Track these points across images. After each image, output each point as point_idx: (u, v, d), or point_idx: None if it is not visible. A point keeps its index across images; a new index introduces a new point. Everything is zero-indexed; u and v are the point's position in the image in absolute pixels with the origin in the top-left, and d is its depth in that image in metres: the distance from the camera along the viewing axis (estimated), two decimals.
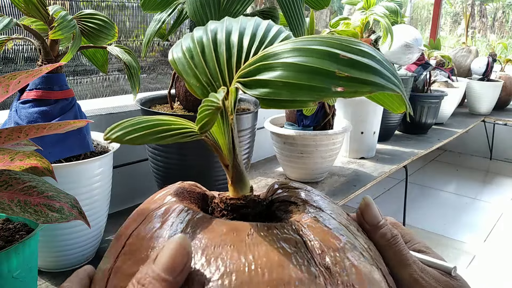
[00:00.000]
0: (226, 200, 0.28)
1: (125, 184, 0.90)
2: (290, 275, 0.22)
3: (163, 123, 0.26)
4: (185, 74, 0.28)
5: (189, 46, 0.29)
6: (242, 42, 0.29)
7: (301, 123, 1.03)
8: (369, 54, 0.23)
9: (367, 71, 0.22)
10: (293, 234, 0.24)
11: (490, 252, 1.70)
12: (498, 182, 2.50)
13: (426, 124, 1.69)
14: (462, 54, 2.36)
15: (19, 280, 0.44)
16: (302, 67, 0.23)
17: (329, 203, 0.29)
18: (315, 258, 0.23)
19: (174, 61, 0.29)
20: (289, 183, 0.31)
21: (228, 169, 0.28)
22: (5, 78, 0.39)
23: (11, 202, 0.38)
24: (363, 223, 0.30)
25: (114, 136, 0.25)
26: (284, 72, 0.23)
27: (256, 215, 0.28)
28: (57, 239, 0.60)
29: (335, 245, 0.24)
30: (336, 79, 0.22)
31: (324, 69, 0.22)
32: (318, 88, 0.22)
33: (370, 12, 1.23)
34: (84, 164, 0.59)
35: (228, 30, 0.29)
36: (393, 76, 0.23)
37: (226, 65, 0.28)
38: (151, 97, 0.87)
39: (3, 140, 0.40)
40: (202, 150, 0.72)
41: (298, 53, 0.23)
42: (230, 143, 0.28)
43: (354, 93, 0.22)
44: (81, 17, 0.65)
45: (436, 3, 2.87)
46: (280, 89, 0.23)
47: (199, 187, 0.31)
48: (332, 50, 0.23)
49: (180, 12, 0.72)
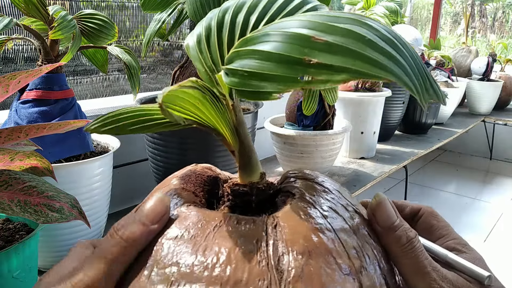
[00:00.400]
0: (232, 186, 0.28)
1: (125, 184, 0.90)
2: (232, 275, 0.21)
3: (144, 113, 0.26)
4: (193, 59, 0.27)
5: (199, 30, 0.28)
6: (247, 22, 0.26)
7: (301, 123, 1.03)
8: (354, 34, 0.19)
9: (344, 54, 0.18)
10: (260, 230, 0.23)
11: (490, 252, 1.70)
12: (498, 182, 2.50)
13: (426, 124, 1.69)
14: (462, 54, 2.36)
15: (19, 280, 0.44)
16: (268, 54, 0.20)
17: (334, 198, 0.27)
18: (271, 259, 0.22)
19: (188, 47, 0.28)
20: (304, 173, 0.29)
21: (234, 155, 0.28)
22: (5, 78, 0.39)
23: (11, 202, 0.38)
24: (375, 225, 0.26)
25: (92, 127, 0.26)
26: (249, 61, 0.21)
27: (261, 203, 0.28)
28: (57, 239, 0.60)
29: (303, 248, 0.22)
30: (305, 67, 0.19)
31: (291, 56, 0.19)
32: (283, 78, 0.19)
33: (370, 12, 1.23)
34: (84, 164, 0.59)
35: (237, 9, 0.27)
36: (389, 58, 0.19)
37: (227, 49, 0.26)
38: (151, 97, 0.87)
39: (3, 140, 0.40)
40: (202, 150, 0.72)
41: (269, 38, 0.21)
42: (233, 129, 0.27)
43: (325, 82, 0.18)
44: (81, 17, 0.65)
45: (436, 3, 2.87)
46: (246, 79, 0.21)
47: (213, 170, 0.31)
48: (304, 33, 0.20)
49: (180, 12, 0.72)
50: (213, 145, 0.72)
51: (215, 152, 0.72)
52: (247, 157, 0.28)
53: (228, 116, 0.26)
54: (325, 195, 0.27)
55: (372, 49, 0.19)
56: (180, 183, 0.29)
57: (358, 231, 0.25)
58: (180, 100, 0.23)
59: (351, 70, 0.18)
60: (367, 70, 0.18)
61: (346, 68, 0.18)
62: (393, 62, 0.19)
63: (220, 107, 0.25)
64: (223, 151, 0.73)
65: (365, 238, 0.25)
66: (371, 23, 0.20)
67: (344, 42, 0.19)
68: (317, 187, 0.27)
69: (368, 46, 0.19)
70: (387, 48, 0.19)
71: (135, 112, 0.26)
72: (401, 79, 0.19)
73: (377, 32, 0.20)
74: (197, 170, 0.31)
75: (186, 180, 0.29)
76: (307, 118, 1.02)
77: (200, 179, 0.30)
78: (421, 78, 0.20)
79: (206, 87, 0.24)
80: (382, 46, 0.19)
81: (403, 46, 0.20)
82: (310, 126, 1.03)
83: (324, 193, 0.27)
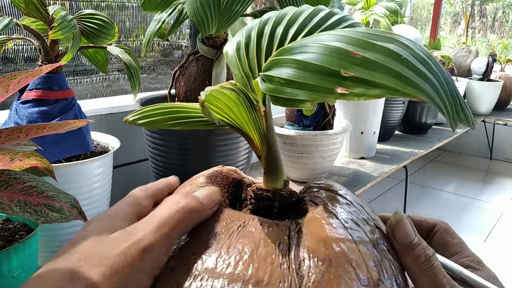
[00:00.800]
0: (256, 190, 0.29)
1: (125, 184, 0.90)
2: (254, 274, 0.22)
3: (182, 110, 0.27)
4: (231, 65, 0.29)
5: (239, 38, 0.29)
6: (286, 34, 0.28)
7: (301, 123, 1.03)
8: (391, 52, 0.20)
9: (380, 71, 0.19)
10: (283, 234, 0.24)
11: (490, 252, 1.70)
12: (498, 182, 2.50)
13: (426, 124, 1.69)
14: (462, 54, 2.36)
15: (19, 280, 0.44)
16: (306, 64, 0.21)
17: (355, 211, 0.27)
18: (292, 263, 0.22)
19: (227, 53, 0.29)
20: (328, 184, 0.30)
21: (261, 160, 0.29)
22: (5, 78, 0.39)
23: (11, 202, 0.38)
24: (394, 242, 0.26)
25: (131, 119, 0.27)
26: (287, 69, 0.22)
27: (282, 209, 0.28)
28: (57, 239, 0.60)
29: (324, 255, 0.23)
30: (341, 79, 0.20)
31: (328, 68, 0.20)
32: (319, 88, 0.20)
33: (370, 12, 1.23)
34: (84, 164, 0.59)
35: (277, 21, 0.29)
36: (423, 78, 0.19)
37: (264, 58, 0.28)
38: (151, 97, 0.87)
39: (3, 140, 0.40)
40: (202, 150, 0.72)
41: (307, 49, 0.22)
42: (263, 135, 0.27)
43: (360, 96, 0.19)
44: (81, 17, 0.65)
45: (436, 3, 2.87)
46: (282, 86, 0.22)
47: (238, 173, 0.32)
48: (343, 47, 0.20)
49: (180, 12, 0.72)
50: (213, 145, 0.72)
51: (215, 152, 0.72)
52: (273, 163, 0.28)
53: (259, 122, 0.27)
54: (347, 207, 0.27)
55: (408, 68, 0.20)
56: (207, 182, 0.29)
57: (377, 245, 0.25)
58: (218, 101, 0.24)
59: (386, 86, 0.19)
60: (402, 88, 0.19)
61: (381, 84, 0.19)
62: (427, 82, 0.20)
63: (253, 112, 0.26)
64: (223, 151, 0.73)
65: (384, 253, 0.25)
66: (407, 43, 0.21)
67: (381, 59, 0.20)
68: (339, 199, 0.28)
69: (404, 65, 0.20)
70: (421, 68, 0.20)
71: (172, 109, 0.27)
72: (434, 100, 0.19)
73: (412, 52, 0.21)
74: (223, 171, 0.31)
75: (213, 180, 0.30)
76: (307, 118, 1.02)
77: (225, 180, 0.31)
78: (452, 100, 0.21)
79: (242, 91, 0.25)
80: (417, 66, 0.20)
81: (436, 66, 0.21)
82: (310, 126, 1.03)
83: (346, 205, 0.28)
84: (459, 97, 0.21)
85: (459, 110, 0.21)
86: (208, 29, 0.60)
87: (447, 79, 0.21)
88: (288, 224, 0.25)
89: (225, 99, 0.24)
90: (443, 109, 0.20)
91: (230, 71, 0.81)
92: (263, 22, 0.29)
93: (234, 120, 0.26)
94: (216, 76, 0.76)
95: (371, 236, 0.25)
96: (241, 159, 0.77)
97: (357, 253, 0.24)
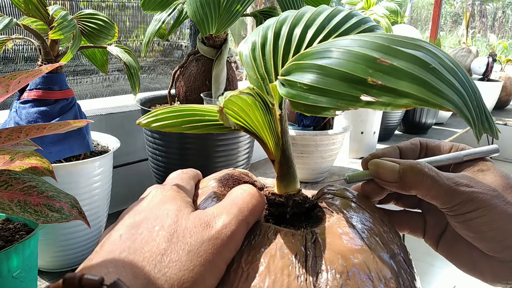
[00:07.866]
0: (268, 194, 0.28)
1: (125, 184, 0.90)
2: (271, 286, 0.21)
3: (196, 114, 0.27)
4: (246, 66, 0.28)
5: (254, 38, 0.28)
6: (305, 35, 0.27)
7: (301, 123, 1.03)
8: (419, 60, 0.19)
9: (408, 80, 0.18)
10: (299, 245, 0.23)
11: None
12: None
13: (426, 124, 1.69)
14: (462, 54, 2.36)
15: (19, 280, 0.44)
16: (331, 70, 0.20)
17: (371, 220, 0.27)
18: (310, 275, 0.22)
19: (241, 53, 0.28)
20: (342, 190, 0.30)
21: (274, 165, 0.28)
22: (5, 78, 0.39)
23: (11, 202, 0.38)
24: (385, 183, 0.28)
25: (144, 122, 0.27)
26: (310, 75, 0.21)
27: (295, 215, 0.28)
28: (57, 239, 0.60)
29: (342, 268, 0.22)
30: (367, 87, 0.19)
31: (354, 75, 0.19)
32: (344, 95, 0.19)
33: (370, 12, 1.23)
34: (84, 164, 0.59)
35: (295, 22, 0.27)
36: (451, 88, 0.19)
37: (281, 60, 0.27)
38: (151, 97, 0.87)
39: (3, 140, 0.40)
40: (202, 150, 0.72)
41: (331, 54, 0.21)
42: (277, 139, 0.27)
43: (387, 105, 0.18)
44: (81, 17, 0.65)
45: (436, 3, 2.87)
46: (305, 93, 0.21)
47: (249, 176, 0.32)
48: (370, 53, 0.19)
49: (180, 12, 0.72)
50: (213, 146, 0.72)
51: (215, 153, 0.72)
52: (287, 167, 0.28)
53: (274, 125, 0.26)
54: (363, 215, 0.27)
55: (436, 78, 0.19)
56: (218, 185, 0.29)
57: (394, 256, 0.25)
58: (234, 105, 0.23)
59: (414, 96, 0.18)
60: (430, 99, 0.18)
61: (409, 93, 0.18)
62: (455, 92, 0.19)
63: (268, 115, 0.25)
64: (223, 151, 0.73)
65: (400, 264, 0.25)
66: (435, 50, 0.20)
67: (409, 68, 0.19)
68: (354, 207, 0.28)
69: (432, 74, 0.19)
70: (450, 78, 0.19)
71: (187, 111, 0.27)
72: (462, 111, 0.19)
73: (440, 60, 0.20)
74: (235, 174, 0.31)
75: (224, 183, 0.29)
76: (307, 118, 1.02)
77: (237, 183, 0.30)
78: (478, 111, 0.20)
79: (259, 94, 0.24)
80: (445, 76, 0.19)
81: (463, 76, 0.20)
82: (310, 126, 1.03)
83: (362, 214, 0.27)
84: (484, 106, 0.21)
85: (484, 120, 0.21)
86: (208, 29, 0.60)
87: (474, 89, 0.21)
88: (304, 234, 0.24)
89: (242, 103, 0.23)
90: (470, 121, 0.19)
91: (230, 71, 0.81)
92: (280, 22, 0.28)
93: (249, 123, 0.25)
94: (216, 76, 0.76)
95: (387, 247, 0.25)
96: (241, 159, 0.77)
97: (374, 265, 0.23)
